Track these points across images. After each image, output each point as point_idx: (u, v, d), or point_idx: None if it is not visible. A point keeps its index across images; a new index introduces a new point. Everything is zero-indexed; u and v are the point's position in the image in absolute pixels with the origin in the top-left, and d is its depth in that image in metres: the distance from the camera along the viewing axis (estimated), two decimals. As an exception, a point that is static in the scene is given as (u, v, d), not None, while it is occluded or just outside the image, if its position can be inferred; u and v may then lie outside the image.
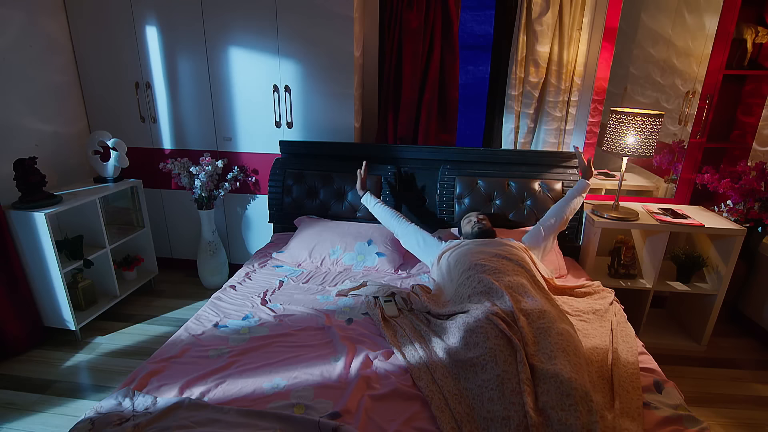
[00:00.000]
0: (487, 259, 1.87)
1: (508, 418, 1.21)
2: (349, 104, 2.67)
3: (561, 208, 2.23)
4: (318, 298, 1.98)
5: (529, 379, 1.30)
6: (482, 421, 1.25)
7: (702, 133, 2.55)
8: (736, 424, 2.00)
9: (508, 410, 1.23)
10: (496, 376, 1.32)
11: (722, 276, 2.38)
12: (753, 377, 2.32)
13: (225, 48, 2.66)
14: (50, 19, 2.63)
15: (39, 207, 2.28)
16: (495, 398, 1.28)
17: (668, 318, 2.78)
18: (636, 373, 1.49)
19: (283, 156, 2.74)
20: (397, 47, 2.64)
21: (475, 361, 1.40)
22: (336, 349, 1.60)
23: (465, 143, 3.13)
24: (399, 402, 1.36)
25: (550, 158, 2.57)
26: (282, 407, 1.31)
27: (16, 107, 2.45)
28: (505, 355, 1.38)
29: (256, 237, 3.09)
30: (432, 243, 2.23)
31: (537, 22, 2.49)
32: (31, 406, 2.02)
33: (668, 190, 2.81)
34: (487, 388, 1.31)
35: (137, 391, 1.36)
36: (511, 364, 1.35)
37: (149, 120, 2.88)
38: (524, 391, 1.26)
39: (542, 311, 1.56)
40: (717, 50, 2.41)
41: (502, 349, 1.40)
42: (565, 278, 2.24)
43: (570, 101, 2.63)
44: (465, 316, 1.59)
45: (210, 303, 1.92)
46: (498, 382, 1.30)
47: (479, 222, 2.22)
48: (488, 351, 1.40)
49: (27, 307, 2.39)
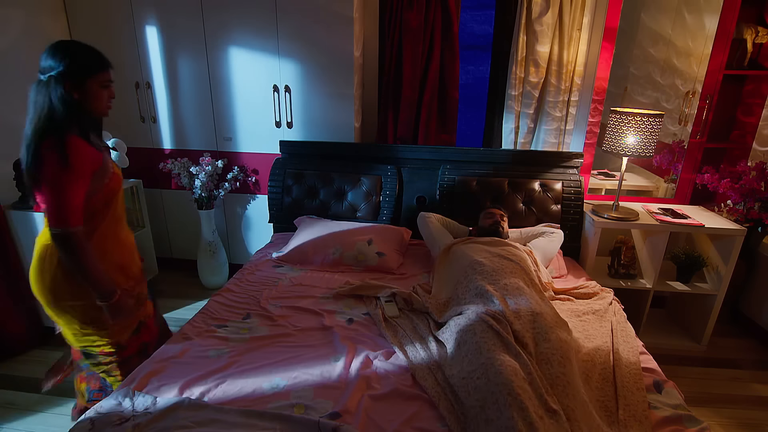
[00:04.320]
0: (488, 258, 1.88)
1: (497, 402, 1.21)
2: (349, 104, 2.67)
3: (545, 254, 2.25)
4: (318, 298, 1.98)
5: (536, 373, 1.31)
6: (479, 410, 1.24)
7: (702, 133, 2.55)
8: (736, 424, 2.00)
9: (496, 395, 1.22)
10: (480, 365, 1.33)
11: (722, 276, 2.38)
12: (753, 377, 2.32)
13: (225, 48, 2.66)
14: (50, 19, 2.63)
15: (39, 207, 2.28)
16: (481, 386, 1.28)
17: (668, 318, 2.78)
18: (638, 373, 1.49)
19: (283, 156, 2.74)
20: (397, 47, 2.64)
21: (463, 356, 1.42)
22: (336, 349, 1.60)
23: (465, 143, 3.13)
24: (399, 402, 1.36)
25: (550, 158, 2.57)
26: (282, 407, 1.31)
27: (16, 107, 2.45)
28: (489, 345, 1.39)
29: (256, 237, 3.09)
30: (443, 236, 2.26)
31: (537, 22, 2.49)
32: (31, 406, 2.02)
33: (668, 190, 2.81)
34: (471, 378, 1.32)
35: (137, 391, 1.36)
36: (497, 353, 1.36)
37: (149, 120, 2.88)
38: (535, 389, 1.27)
39: (535, 314, 1.56)
40: (717, 50, 2.41)
41: (487, 341, 1.41)
42: (565, 278, 2.24)
43: (570, 101, 2.63)
44: (458, 318, 1.60)
45: (210, 303, 1.92)
46: (483, 370, 1.31)
47: (499, 223, 2.23)
48: (475, 345, 1.42)
49: (27, 307, 2.39)
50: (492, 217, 2.25)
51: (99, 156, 1.42)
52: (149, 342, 1.68)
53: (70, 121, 1.34)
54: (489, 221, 2.24)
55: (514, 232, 2.37)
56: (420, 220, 2.41)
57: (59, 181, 1.29)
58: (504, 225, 2.24)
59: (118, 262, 1.53)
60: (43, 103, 1.32)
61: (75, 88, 1.36)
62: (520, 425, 1.14)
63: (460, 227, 2.40)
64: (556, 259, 2.32)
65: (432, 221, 2.35)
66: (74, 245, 1.33)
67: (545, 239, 2.26)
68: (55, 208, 1.30)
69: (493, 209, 2.33)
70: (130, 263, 1.61)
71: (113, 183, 1.48)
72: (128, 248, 1.61)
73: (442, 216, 2.43)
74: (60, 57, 1.33)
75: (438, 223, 2.36)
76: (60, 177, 1.29)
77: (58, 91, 1.32)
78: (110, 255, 1.50)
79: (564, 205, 2.47)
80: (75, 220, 1.32)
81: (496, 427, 1.17)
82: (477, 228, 2.33)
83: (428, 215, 2.39)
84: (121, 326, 1.55)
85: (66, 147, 1.30)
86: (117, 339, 1.56)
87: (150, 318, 1.71)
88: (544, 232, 2.32)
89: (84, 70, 1.36)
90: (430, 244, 2.32)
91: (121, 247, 1.56)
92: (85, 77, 1.37)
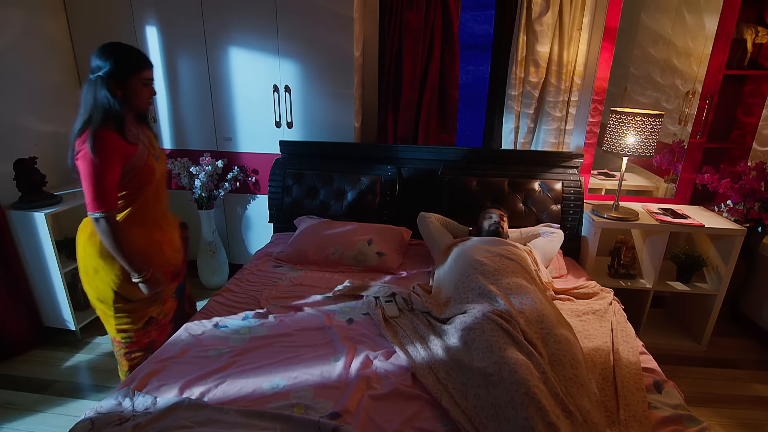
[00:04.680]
0: (489, 258, 1.87)
1: (512, 401, 1.21)
2: (349, 104, 2.67)
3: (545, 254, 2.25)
4: (318, 298, 1.98)
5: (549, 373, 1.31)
6: (490, 408, 1.24)
7: (702, 133, 2.55)
8: (736, 424, 2.00)
9: (511, 393, 1.22)
10: (493, 363, 1.33)
11: (722, 276, 2.38)
12: (753, 377, 2.32)
13: (225, 48, 2.66)
14: (50, 19, 2.63)
15: (39, 207, 2.29)
16: (497, 383, 1.27)
17: (668, 318, 2.78)
18: (639, 373, 1.49)
19: (283, 156, 2.74)
20: (397, 47, 2.64)
21: (473, 355, 1.41)
22: (336, 349, 1.60)
23: (465, 143, 3.13)
24: (399, 402, 1.36)
25: (550, 158, 2.57)
26: (282, 407, 1.31)
27: (16, 107, 2.45)
28: (500, 344, 1.38)
29: (256, 237, 3.09)
30: (443, 236, 2.26)
31: (537, 22, 2.49)
32: (31, 406, 2.02)
33: (668, 190, 2.81)
34: (486, 374, 1.32)
35: (137, 391, 1.36)
36: (509, 351, 1.35)
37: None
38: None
39: (541, 314, 1.56)
40: (717, 50, 2.41)
41: (497, 339, 1.41)
42: (565, 278, 2.24)
43: (570, 101, 2.63)
44: (463, 316, 1.59)
45: (210, 303, 1.92)
46: (496, 368, 1.31)
47: (499, 223, 2.22)
48: (485, 343, 1.41)
49: (27, 307, 2.39)
50: (492, 217, 2.25)
51: (131, 149, 1.55)
52: (158, 340, 1.75)
53: (109, 117, 1.48)
54: (489, 221, 2.24)
55: (514, 232, 2.37)
56: (420, 220, 2.41)
57: (91, 170, 1.44)
58: (504, 225, 2.24)
59: (141, 247, 1.63)
60: (90, 100, 1.48)
61: (118, 86, 1.50)
62: (539, 425, 1.13)
63: (460, 227, 2.40)
64: (556, 259, 2.32)
65: (432, 221, 2.35)
66: (106, 227, 1.49)
67: (545, 239, 2.26)
68: (89, 194, 1.46)
69: (493, 209, 2.33)
70: (154, 250, 1.70)
71: (143, 174, 1.60)
72: (154, 235, 1.71)
73: (442, 216, 2.43)
74: (105, 58, 1.48)
75: (438, 223, 2.36)
76: (91, 167, 1.44)
77: (103, 90, 1.47)
78: (135, 240, 1.61)
79: (564, 205, 2.47)
80: (107, 205, 1.48)
81: (514, 426, 1.16)
82: (477, 228, 2.33)
83: (428, 215, 2.39)
84: (152, 301, 1.71)
85: (97, 140, 1.44)
86: (149, 313, 1.73)
87: (165, 316, 1.81)
88: (544, 232, 2.32)
89: (126, 69, 1.50)
90: (430, 244, 2.32)
91: (148, 234, 1.68)
92: (127, 76, 1.51)
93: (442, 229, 2.32)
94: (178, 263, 1.84)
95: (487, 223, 2.24)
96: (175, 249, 1.82)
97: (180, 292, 1.91)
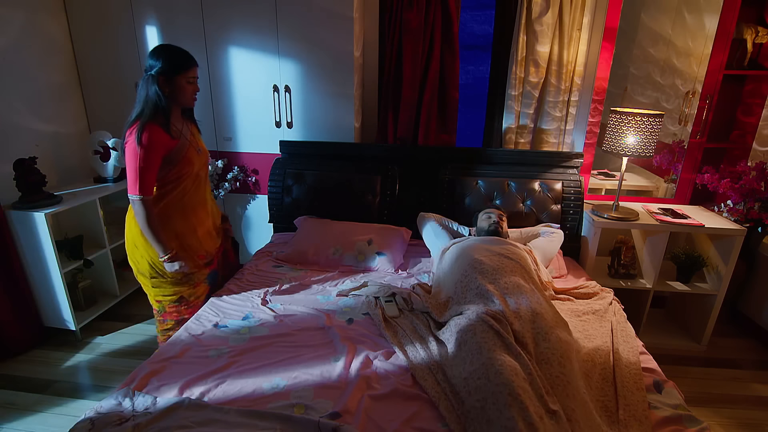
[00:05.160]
0: (489, 257, 1.87)
1: (497, 402, 1.21)
2: (349, 104, 2.67)
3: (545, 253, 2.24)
4: (318, 298, 1.98)
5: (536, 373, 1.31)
6: (480, 410, 1.24)
7: (702, 133, 2.55)
8: (736, 424, 2.00)
9: (496, 395, 1.22)
10: (481, 365, 1.33)
11: (722, 276, 2.38)
12: (753, 377, 2.32)
13: (225, 48, 2.66)
14: (50, 19, 2.63)
15: (39, 207, 2.29)
16: (482, 386, 1.28)
17: (668, 318, 2.78)
18: (639, 373, 1.49)
19: (283, 156, 2.74)
20: (397, 47, 2.64)
21: (464, 356, 1.42)
22: (336, 349, 1.60)
23: (465, 143, 3.13)
24: (399, 402, 1.36)
25: (550, 158, 2.57)
26: (282, 407, 1.31)
27: (16, 107, 2.45)
28: (490, 345, 1.39)
29: (256, 237, 3.09)
30: (442, 236, 2.26)
31: (537, 22, 2.49)
32: (31, 406, 2.02)
33: (668, 190, 2.81)
34: (472, 378, 1.32)
35: (137, 391, 1.36)
36: (497, 353, 1.36)
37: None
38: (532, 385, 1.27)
39: (535, 313, 1.56)
40: (717, 50, 2.41)
41: (487, 340, 1.41)
42: (565, 278, 2.24)
43: (570, 101, 2.63)
44: (459, 318, 1.60)
45: (210, 303, 1.92)
46: (483, 370, 1.31)
47: (498, 223, 2.22)
48: (476, 345, 1.41)
49: (27, 307, 2.39)
50: (491, 217, 2.25)
51: (173, 143, 1.72)
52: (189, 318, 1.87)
53: (157, 111, 1.65)
54: (488, 221, 2.24)
55: (514, 232, 2.37)
56: (420, 220, 2.41)
57: (134, 159, 1.61)
58: (503, 225, 2.24)
59: (177, 230, 1.81)
60: (143, 95, 1.65)
61: (167, 83, 1.67)
62: (520, 425, 1.14)
63: (460, 227, 2.40)
64: (556, 259, 2.32)
65: (432, 221, 2.35)
66: (140, 209, 1.67)
67: (545, 239, 2.26)
68: (130, 178, 1.64)
69: (492, 209, 2.32)
70: (189, 235, 1.85)
71: (182, 165, 1.76)
72: (190, 221, 1.86)
73: (441, 216, 2.43)
74: (156, 57, 1.65)
75: (438, 223, 2.36)
76: (135, 156, 1.61)
77: (153, 86, 1.65)
78: (172, 223, 1.79)
79: (564, 205, 2.47)
80: (144, 190, 1.65)
81: (497, 427, 1.17)
82: (476, 228, 2.33)
83: (428, 215, 2.39)
84: (176, 280, 1.86)
85: (143, 134, 1.60)
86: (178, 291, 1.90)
87: (197, 299, 1.96)
88: (544, 232, 2.32)
89: (174, 68, 1.67)
90: (429, 244, 2.32)
91: (184, 219, 1.83)
92: (174, 74, 1.68)
93: (442, 229, 2.32)
94: (212, 250, 1.98)
95: (486, 223, 2.24)
96: (211, 236, 1.97)
97: (212, 279, 2.04)
